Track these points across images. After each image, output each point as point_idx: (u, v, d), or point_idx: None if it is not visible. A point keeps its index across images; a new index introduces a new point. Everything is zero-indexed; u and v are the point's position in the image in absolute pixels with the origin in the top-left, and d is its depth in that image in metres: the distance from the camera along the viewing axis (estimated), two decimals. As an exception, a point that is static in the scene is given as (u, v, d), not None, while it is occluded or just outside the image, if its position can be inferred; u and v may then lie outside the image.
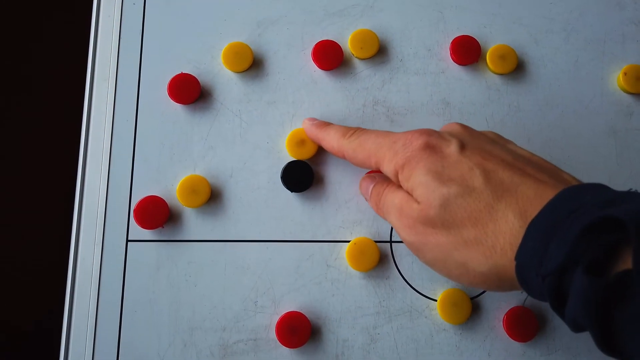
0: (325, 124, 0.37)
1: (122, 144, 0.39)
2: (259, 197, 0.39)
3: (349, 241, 0.38)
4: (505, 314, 0.37)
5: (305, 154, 0.39)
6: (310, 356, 0.36)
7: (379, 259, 0.37)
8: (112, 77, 0.40)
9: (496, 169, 0.28)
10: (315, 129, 0.37)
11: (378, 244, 0.38)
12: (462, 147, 0.29)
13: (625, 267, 0.22)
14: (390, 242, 0.38)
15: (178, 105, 0.40)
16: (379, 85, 0.41)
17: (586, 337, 0.37)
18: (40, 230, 0.65)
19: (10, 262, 0.66)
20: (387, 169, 0.31)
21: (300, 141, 0.39)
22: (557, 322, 0.37)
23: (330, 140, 0.36)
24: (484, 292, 0.38)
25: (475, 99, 0.41)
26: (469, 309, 0.37)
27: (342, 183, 0.39)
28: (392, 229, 0.38)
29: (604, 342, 0.23)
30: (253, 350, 0.36)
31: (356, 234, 0.38)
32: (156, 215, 0.37)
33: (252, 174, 0.39)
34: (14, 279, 0.66)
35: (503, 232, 0.26)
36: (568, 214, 0.24)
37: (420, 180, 0.29)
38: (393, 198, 0.31)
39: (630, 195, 0.24)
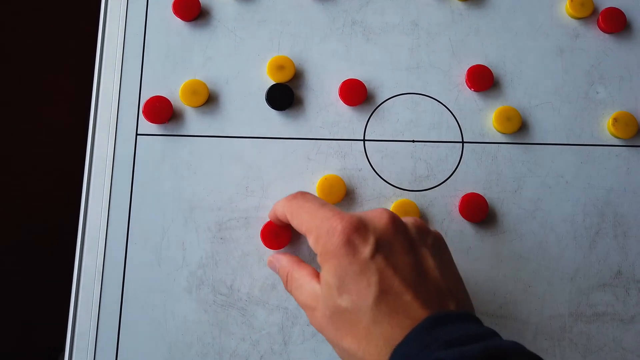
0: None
1: (133, 53, 0.45)
2: (250, 100, 0.45)
3: (327, 139, 0.44)
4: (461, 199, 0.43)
5: (284, 77, 0.45)
6: (290, 251, 0.42)
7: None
8: (124, -3, 0.46)
9: (390, 288, 0.30)
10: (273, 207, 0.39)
11: (353, 142, 0.44)
12: (375, 252, 0.31)
13: None
14: (364, 140, 0.44)
15: (181, 22, 0.46)
16: (357, 8, 0.47)
17: (530, 221, 0.43)
18: (60, 127, 0.72)
19: (33, 157, 0.73)
20: (310, 244, 0.33)
21: (279, 66, 0.44)
22: (506, 209, 0.43)
23: (279, 205, 0.37)
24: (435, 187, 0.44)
25: (441, 21, 0.47)
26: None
27: (322, 91, 0.45)
28: (365, 127, 0.45)
29: None
30: (244, 227, 0.42)
31: (334, 134, 0.44)
32: (162, 112, 0.43)
33: (244, 81, 0.45)
34: (37, 173, 0.73)
35: (371, 353, 0.30)
36: (421, 349, 0.28)
37: (326, 280, 0.32)
38: (299, 294, 0.35)
39: (479, 333, 0.29)
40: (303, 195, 0.36)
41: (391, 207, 0.43)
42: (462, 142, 0.45)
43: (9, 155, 0.74)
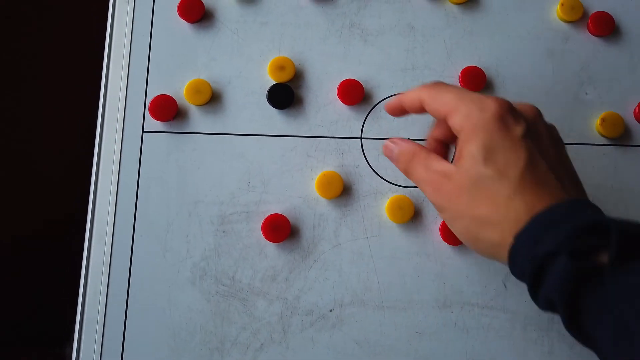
0: None
1: (139, 53, 0.47)
2: (252, 99, 0.46)
3: (326, 137, 0.46)
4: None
5: (285, 77, 0.46)
6: (290, 245, 0.44)
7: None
8: (131, -1, 0.48)
9: (538, 163, 0.31)
10: (395, 97, 0.38)
11: (351, 139, 0.46)
12: (526, 132, 0.32)
13: (604, 261, 0.27)
14: (361, 138, 0.46)
15: (186, 23, 0.47)
16: (355, 10, 0.49)
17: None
18: (69, 125, 0.74)
19: (45, 153, 0.76)
20: (455, 122, 0.33)
21: (280, 67, 0.46)
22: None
23: (411, 92, 0.36)
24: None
25: (436, 24, 0.49)
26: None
27: (321, 91, 0.47)
28: (362, 126, 0.46)
29: (571, 323, 0.28)
30: (245, 220, 0.44)
31: (333, 132, 0.46)
32: (167, 110, 0.45)
33: (246, 81, 0.47)
34: (48, 167, 0.76)
35: (509, 218, 0.30)
36: (569, 217, 0.29)
37: (471, 152, 0.32)
38: (428, 167, 0.34)
39: (620, 220, 0.28)
40: (442, 82, 0.36)
41: (387, 202, 0.44)
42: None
43: (27, 151, 0.77)
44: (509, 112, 0.32)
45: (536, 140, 0.33)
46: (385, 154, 0.38)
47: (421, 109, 0.36)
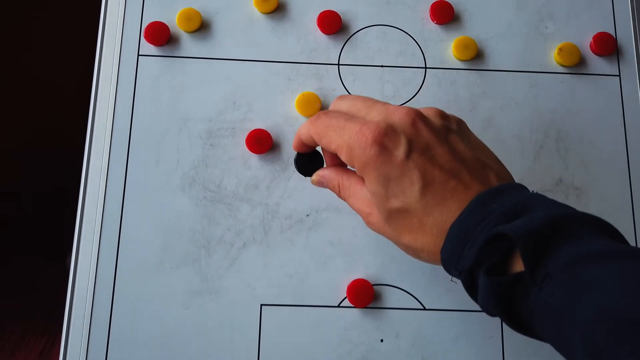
0: None
1: (135, -16, 0.51)
2: (238, 27, 0.51)
3: (306, 62, 0.50)
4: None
5: (269, 7, 0.50)
6: (271, 157, 0.48)
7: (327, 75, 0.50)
8: (128, -64, 0.52)
9: (433, 179, 0.32)
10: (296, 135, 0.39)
11: (329, 65, 0.50)
12: (409, 150, 0.32)
13: (521, 269, 0.28)
14: (338, 64, 0.50)
15: (178, -41, 0.52)
16: (335, -50, 0.53)
17: (482, 136, 0.49)
18: (72, 50, 0.80)
19: (50, 69, 0.83)
20: (344, 159, 0.34)
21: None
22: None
23: (302, 129, 0.37)
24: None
25: (409, -37, 0.53)
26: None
27: (302, 21, 0.51)
28: (340, 53, 0.51)
29: (514, 326, 0.30)
30: (231, 135, 0.49)
31: (312, 58, 0.50)
32: (160, 35, 0.49)
33: (234, 13, 0.51)
34: (52, 85, 0.82)
35: (428, 242, 0.33)
36: (478, 223, 0.30)
37: (372, 190, 0.34)
38: (354, 202, 0.37)
39: (531, 201, 0.30)
40: (326, 113, 0.36)
41: (361, 121, 0.49)
42: (425, 67, 0.51)
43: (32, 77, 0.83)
44: (385, 137, 0.33)
45: (422, 150, 0.33)
46: (318, 186, 0.40)
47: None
